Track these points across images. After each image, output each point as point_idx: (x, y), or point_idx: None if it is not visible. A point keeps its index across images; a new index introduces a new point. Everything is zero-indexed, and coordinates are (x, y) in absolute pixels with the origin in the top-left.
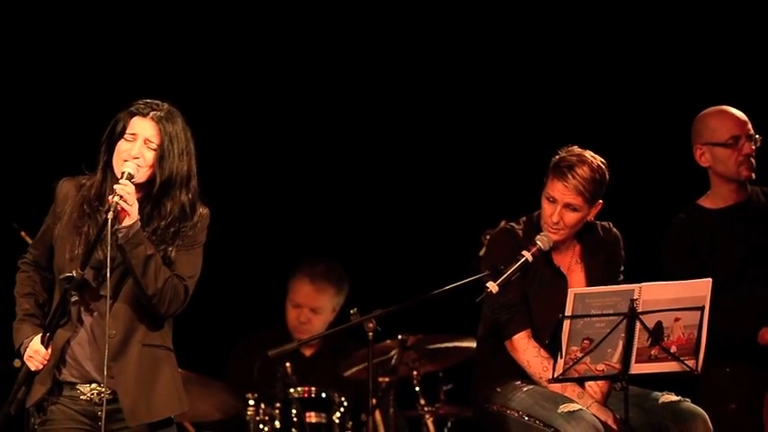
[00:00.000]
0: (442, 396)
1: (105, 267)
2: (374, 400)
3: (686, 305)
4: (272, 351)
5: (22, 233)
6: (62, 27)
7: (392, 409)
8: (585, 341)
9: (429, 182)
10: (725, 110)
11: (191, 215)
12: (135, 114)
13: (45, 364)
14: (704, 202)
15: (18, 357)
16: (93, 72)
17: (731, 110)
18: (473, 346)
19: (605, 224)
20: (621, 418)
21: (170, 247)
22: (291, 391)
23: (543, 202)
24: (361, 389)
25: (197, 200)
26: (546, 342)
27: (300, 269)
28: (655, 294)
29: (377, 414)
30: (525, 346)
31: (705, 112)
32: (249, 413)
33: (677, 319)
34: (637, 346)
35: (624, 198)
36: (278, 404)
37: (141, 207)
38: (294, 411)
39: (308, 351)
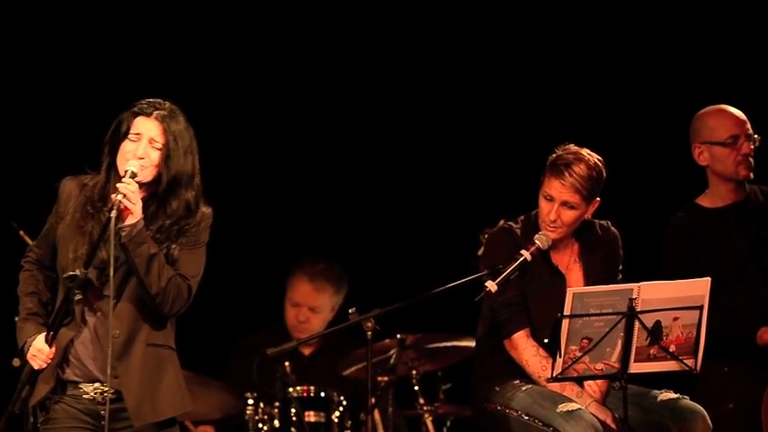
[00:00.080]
0: (441, 395)
1: (109, 267)
2: (373, 400)
3: (685, 304)
4: (270, 350)
5: (21, 232)
6: (61, 26)
7: (391, 409)
8: (584, 340)
9: (427, 181)
10: (724, 109)
11: (194, 213)
12: (138, 114)
13: (48, 363)
14: (702, 201)
15: (17, 356)
16: (92, 72)
17: (730, 109)
18: (472, 345)
19: (603, 223)
20: (620, 417)
21: (173, 244)
22: (290, 390)
23: (541, 201)
24: (360, 388)
25: (200, 197)
26: (545, 341)
27: (299, 268)
28: (653, 294)
29: (376, 413)
30: (524, 346)
31: (704, 110)
32: (248, 412)
33: (676, 319)
34: (636, 345)
35: (622, 197)
36: (277, 403)
37: (146, 206)
38: (293, 410)
39: (306, 350)
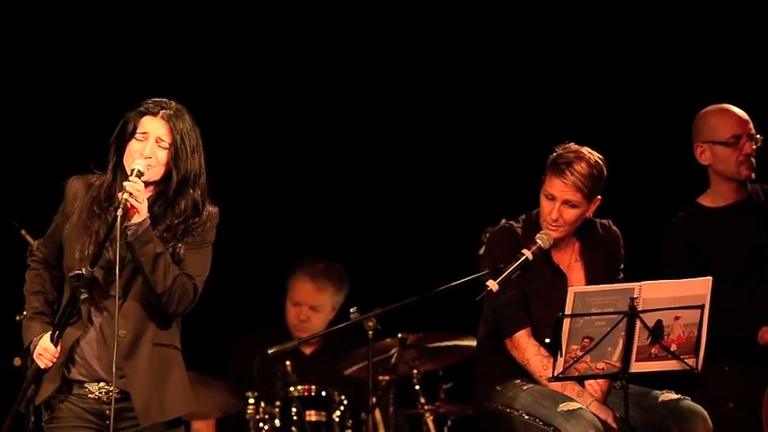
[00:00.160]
0: (442, 395)
1: (115, 266)
2: (374, 399)
3: (686, 304)
4: (271, 350)
5: (23, 232)
6: (61, 26)
7: (392, 408)
8: (585, 340)
9: (429, 180)
10: (727, 108)
11: (201, 212)
12: (145, 114)
13: (54, 362)
14: (704, 201)
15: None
16: (92, 72)
17: (733, 108)
18: (473, 344)
19: (605, 222)
20: (621, 416)
21: (180, 244)
22: (291, 389)
23: (542, 200)
24: (361, 387)
25: (206, 196)
26: (546, 341)
27: (300, 267)
28: (655, 293)
29: (377, 413)
30: (525, 345)
31: (707, 109)
32: (249, 412)
33: (677, 318)
34: (637, 344)
35: (624, 196)
36: (278, 403)
37: (153, 205)
38: (294, 410)
39: (307, 349)
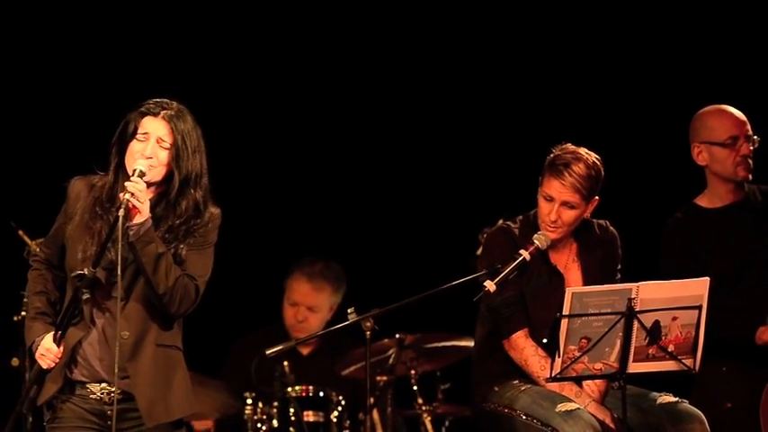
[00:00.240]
0: (440, 395)
1: (117, 267)
2: (372, 399)
3: (684, 304)
4: (269, 350)
5: (20, 232)
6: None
7: (390, 408)
8: (583, 340)
9: (426, 181)
10: (724, 109)
11: (203, 213)
12: (146, 114)
13: (57, 362)
14: (701, 202)
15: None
16: (91, 72)
17: (730, 109)
18: (471, 345)
19: (602, 222)
20: (619, 417)
21: (181, 244)
22: (289, 390)
23: (540, 201)
24: (358, 388)
25: (208, 197)
26: (543, 341)
27: (298, 268)
28: (652, 293)
29: (374, 413)
30: (523, 345)
31: (704, 110)
32: (247, 412)
33: (675, 318)
34: (634, 345)
35: (621, 196)
36: (276, 403)
37: (155, 206)
38: (292, 410)
39: (305, 350)
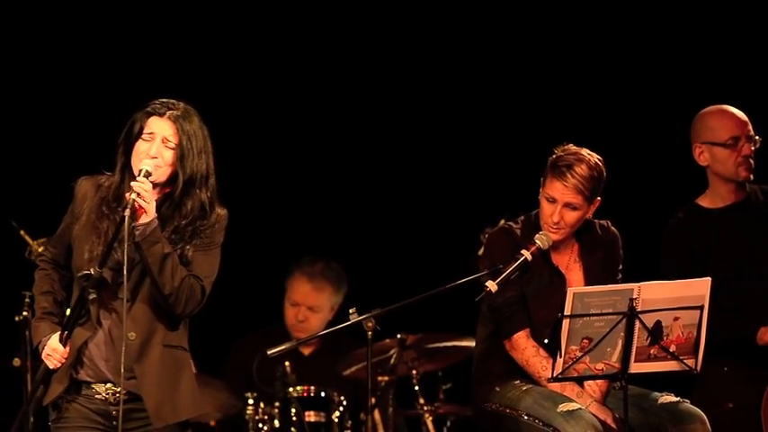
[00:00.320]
0: (442, 395)
1: (123, 267)
2: (373, 400)
3: (686, 304)
4: (270, 350)
5: (22, 232)
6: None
7: (391, 409)
8: (585, 340)
9: (428, 181)
10: (725, 109)
11: (209, 213)
12: (152, 114)
13: (63, 362)
14: (702, 202)
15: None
16: (91, 72)
17: (732, 110)
18: (472, 345)
19: (603, 223)
20: (620, 417)
21: (188, 245)
22: (290, 390)
23: (542, 203)
24: (360, 388)
25: (215, 198)
26: (545, 341)
27: (298, 268)
28: (654, 293)
29: (376, 413)
30: (524, 346)
31: (705, 110)
32: (248, 412)
33: (676, 319)
34: (636, 345)
35: (622, 197)
36: (277, 403)
37: (160, 207)
38: (293, 410)
39: (306, 350)
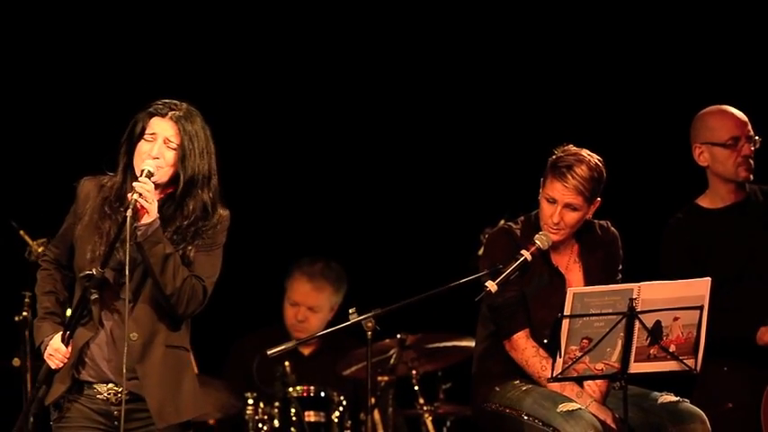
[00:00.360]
0: (441, 395)
1: (125, 267)
2: (373, 400)
3: (685, 304)
4: (270, 350)
5: (21, 232)
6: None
7: (391, 409)
8: (584, 340)
9: (428, 181)
10: (725, 110)
11: (212, 214)
12: (154, 115)
13: (65, 362)
14: (702, 202)
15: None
16: (93, 72)
17: (731, 110)
18: (472, 345)
19: (603, 223)
20: (620, 417)
21: (190, 246)
22: (290, 390)
23: (542, 203)
24: (360, 388)
25: (218, 199)
26: (545, 341)
27: (298, 268)
28: (654, 294)
29: (376, 413)
30: (524, 346)
31: (705, 110)
32: (248, 412)
33: (676, 319)
34: (636, 345)
35: (622, 197)
36: (277, 403)
37: (163, 207)
38: (293, 410)
39: (306, 350)
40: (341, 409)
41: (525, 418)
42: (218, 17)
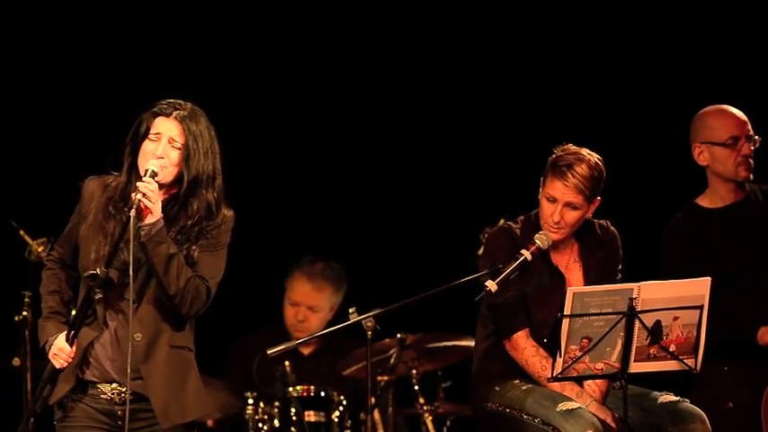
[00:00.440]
0: (441, 395)
1: (129, 267)
2: (373, 399)
3: (685, 304)
4: (270, 350)
5: (21, 232)
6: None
7: (391, 408)
8: (584, 340)
9: (428, 180)
10: (725, 109)
11: (216, 214)
12: (158, 114)
13: (70, 362)
14: (702, 202)
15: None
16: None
17: (731, 109)
18: (472, 344)
19: (603, 222)
20: (620, 416)
21: (194, 246)
22: (290, 389)
23: (542, 202)
24: (360, 388)
25: (222, 199)
26: (544, 341)
27: (298, 267)
28: (654, 293)
29: (376, 413)
30: (524, 345)
31: (705, 110)
32: (248, 412)
33: (676, 318)
34: (636, 344)
35: (622, 197)
36: (277, 403)
37: (167, 207)
38: (293, 410)
39: (306, 350)
40: (341, 408)
41: (525, 417)
42: (221, 18)
